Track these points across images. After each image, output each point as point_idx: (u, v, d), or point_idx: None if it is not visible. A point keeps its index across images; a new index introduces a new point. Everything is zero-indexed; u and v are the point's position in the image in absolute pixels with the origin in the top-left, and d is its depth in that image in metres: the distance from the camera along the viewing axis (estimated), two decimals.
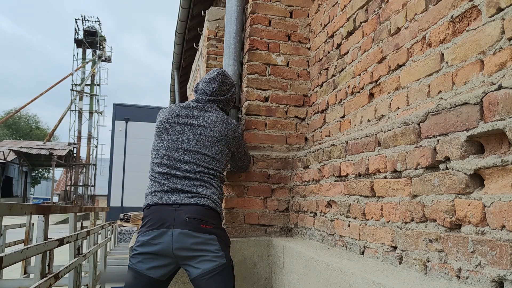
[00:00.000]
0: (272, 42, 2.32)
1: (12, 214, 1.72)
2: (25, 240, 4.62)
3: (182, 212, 1.49)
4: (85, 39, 28.05)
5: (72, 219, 3.41)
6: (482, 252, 0.94)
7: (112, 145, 21.34)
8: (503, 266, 0.88)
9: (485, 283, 0.93)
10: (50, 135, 29.47)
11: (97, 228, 4.64)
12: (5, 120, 30.92)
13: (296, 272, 1.73)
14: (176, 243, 1.45)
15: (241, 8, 2.37)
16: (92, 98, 27.65)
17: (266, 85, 2.28)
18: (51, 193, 26.33)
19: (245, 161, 2.00)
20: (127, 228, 10.99)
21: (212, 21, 3.34)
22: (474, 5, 1.12)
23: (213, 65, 3.33)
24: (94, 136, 27.40)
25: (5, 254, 1.57)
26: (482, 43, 1.08)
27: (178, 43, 5.83)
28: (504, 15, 1.01)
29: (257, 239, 2.10)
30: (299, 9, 2.41)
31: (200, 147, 1.63)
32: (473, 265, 0.97)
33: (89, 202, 25.94)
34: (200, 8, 4.76)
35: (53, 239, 2.38)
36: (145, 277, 1.48)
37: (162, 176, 1.59)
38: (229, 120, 1.77)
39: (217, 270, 1.47)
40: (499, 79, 1.01)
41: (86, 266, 4.02)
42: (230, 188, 2.14)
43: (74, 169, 26.47)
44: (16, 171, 30.07)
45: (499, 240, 0.89)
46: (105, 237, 5.69)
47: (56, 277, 2.34)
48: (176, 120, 1.68)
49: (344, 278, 1.28)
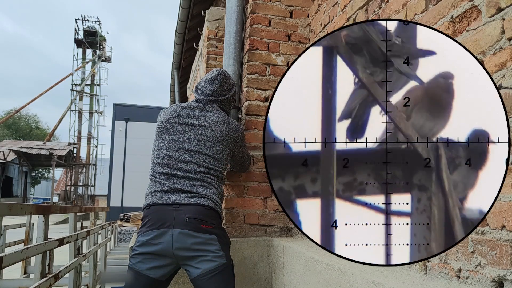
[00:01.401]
0: (272, 42, 2.32)
1: (12, 214, 1.72)
2: (25, 240, 4.62)
3: (182, 212, 1.49)
4: (85, 39, 28.05)
5: (72, 219, 3.41)
6: (482, 252, 0.94)
7: (112, 145, 21.34)
8: (503, 266, 0.88)
9: (485, 283, 0.93)
10: (50, 135, 29.47)
11: (97, 228, 4.64)
12: (5, 120, 30.93)
13: (296, 272, 1.73)
14: (176, 243, 1.46)
15: (241, 8, 2.37)
16: (92, 98, 27.65)
17: (266, 85, 2.28)
18: (51, 193, 26.33)
19: (245, 161, 2.00)
20: (127, 228, 10.99)
21: (212, 21, 3.34)
22: (474, 5, 1.12)
23: (213, 65, 3.32)
24: (94, 136, 27.41)
25: (5, 254, 1.57)
26: (482, 43, 1.08)
27: (178, 43, 5.83)
28: (504, 15, 1.01)
29: (257, 239, 2.10)
30: (299, 9, 2.41)
31: (201, 147, 1.63)
32: (473, 265, 0.97)
33: (89, 202, 25.94)
34: (200, 8, 4.75)
35: (53, 239, 2.38)
36: (145, 277, 1.48)
37: (163, 176, 1.59)
38: (230, 120, 1.77)
39: (217, 270, 1.47)
40: (499, 79, 1.01)
41: (86, 266, 4.01)
42: (230, 188, 2.14)
43: (74, 169, 26.47)
44: (16, 171, 30.07)
45: (499, 240, 0.89)
46: (105, 237, 5.69)
47: (56, 277, 2.34)
48: (177, 120, 1.69)
49: (344, 278, 1.28)
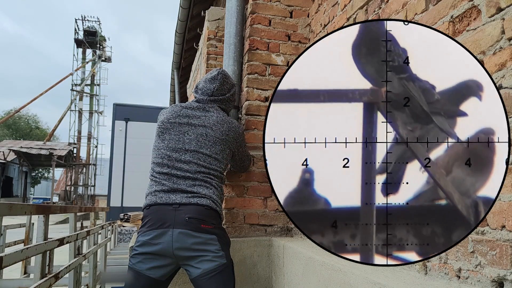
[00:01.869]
0: (272, 42, 2.32)
1: (12, 214, 1.72)
2: (25, 240, 4.62)
3: (182, 212, 1.49)
4: (85, 39, 28.05)
5: (72, 219, 3.41)
6: (482, 252, 0.94)
7: (112, 145, 21.34)
8: (503, 266, 0.88)
9: (485, 283, 0.93)
10: (50, 135, 29.47)
11: (97, 228, 4.64)
12: (5, 120, 30.93)
13: (296, 272, 1.73)
14: (176, 243, 1.46)
15: (241, 8, 2.37)
16: (92, 98, 27.66)
17: (266, 85, 2.28)
18: (51, 193, 26.33)
19: (245, 161, 2.00)
20: (127, 228, 10.99)
21: (212, 21, 3.34)
22: (474, 5, 1.12)
23: (213, 65, 3.32)
24: (94, 136, 27.41)
25: (5, 254, 1.57)
26: (482, 43, 1.08)
27: (178, 43, 5.83)
28: (504, 15, 1.01)
29: (257, 239, 2.10)
30: (299, 9, 2.41)
31: (201, 147, 1.63)
32: (473, 265, 0.97)
33: (89, 202, 25.94)
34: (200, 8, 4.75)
35: (53, 239, 2.38)
36: (145, 277, 1.48)
37: (163, 176, 1.59)
38: (230, 120, 1.77)
39: (217, 270, 1.47)
40: (499, 79, 1.01)
41: (86, 266, 4.01)
42: (230, 188, 2.14)
43: (74, 169, 26.47)
44: (16, 171, 30.07)
45: (499, 240, 0.89)
46: (105, 237, 5.69)
47: (56, 277, 2.34)
48: (178, 120, 1.69)
49: (344, 278, 1.28)
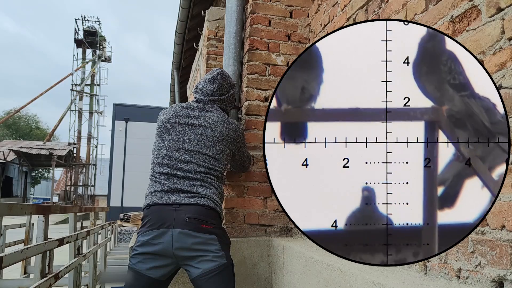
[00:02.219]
0: (272, 42, 2.32)
1: (12, 214, 1.72)
2: (25, 240, 4.61)
3: (182, 212, 1.49)
4: (85, 39, 28.03)
5: (72, 219, 3.41)
6: (482, 252, 0.94)
7: (112, 145, 21.34)
8: (503, 266, 0.88)
9: (485, 283, 0.93)
10: (50, 135, 29.47)
11: (97, 228, 4.63)
12: (5, 120, 30.93)
13: (296, 272, 1.73)
14: (176, 243, 1.46)
15: (241, 8, 2.37)
16: (92, 98, 27.65)
17: (266, 85, 2.28)
18: (51, 193, 26.34)
19: (245, 161, 2.00)
20: (127, 228, 10.98)
21: (212, 21, 3.34)
22: (474, 5, 1.12)
23: (213, 65, 3.32)
24: (94, 136, 27.40)
25: (5, 254, 1.56)
26: (482, 43, 1.08)
27: (178, 43, 5.83)
28: (504, 15, 1.01)
29: (257, 239, 2.10)
30: (299, 9, 2.41)
31: (201, 147, 1.63)
32: (473, 265, 0.97)
33: (89, 202, 25.93)
34: (200, 8, 4.75)
35: (53, 239, 2.38)
36: (145, 277, 1.48)
37: (163, 176, 1.59)
38: (230, 120, 1.77)
39: (217, 270, 1.47)
40: (499, 79, 1.01)
41: (86, 266, 4.01)
42: (230, 188, 2.14)
43: (74, 169, 26.46)
44: (16, 171, 30.06)
45: (499, 240, 0.89)
46: (105, 237, 5.69)
47: (56, 277, 2.33)
48: (177, 120, 1.69)
49: (344, 278, 1.28)
